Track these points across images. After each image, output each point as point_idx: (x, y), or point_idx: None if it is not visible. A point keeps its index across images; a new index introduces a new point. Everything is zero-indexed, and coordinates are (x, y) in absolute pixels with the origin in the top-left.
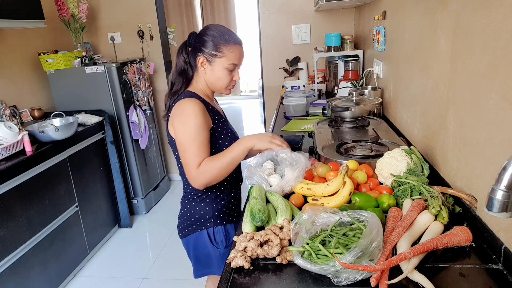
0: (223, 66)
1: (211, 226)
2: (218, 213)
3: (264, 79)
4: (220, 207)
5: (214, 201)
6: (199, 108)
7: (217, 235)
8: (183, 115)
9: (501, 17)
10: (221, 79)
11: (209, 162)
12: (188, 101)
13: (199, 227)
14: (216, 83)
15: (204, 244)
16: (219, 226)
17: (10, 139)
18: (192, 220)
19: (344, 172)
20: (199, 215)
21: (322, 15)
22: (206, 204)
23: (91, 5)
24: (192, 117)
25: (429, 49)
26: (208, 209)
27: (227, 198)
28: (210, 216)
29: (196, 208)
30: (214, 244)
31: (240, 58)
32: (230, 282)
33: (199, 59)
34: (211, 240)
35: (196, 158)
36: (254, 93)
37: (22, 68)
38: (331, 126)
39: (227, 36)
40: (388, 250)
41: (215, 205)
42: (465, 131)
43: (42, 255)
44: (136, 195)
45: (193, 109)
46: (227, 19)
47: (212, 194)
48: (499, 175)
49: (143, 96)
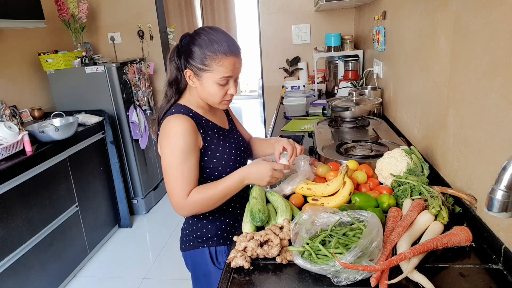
0: (213, 80)
1: (213, 245)
2: (222, 233)
3: (264, 79)
4: (224, 226)
5: (218, 220)
6: (186, 127)
7: (220, 255)
8: (169, 136)
9: (501, 17)
10: (212, 95)
11: (198, 194)
12: (174, 119)
13: (201, 244)
14: (208, 99)
15: (205, 262)
16: (222, 246)
17: (10, 139)
18: (194, 236)
19: (344, 172)
20: (202, 232)
21: (322, 15)
22: (210, 222)
23: (91, 5)
24: (178, 139)
25: (429, 49)
26: (211, 227)
27: (232, 217)
28: (213, 235)
29: (198, 224)
30: (216, 264)
31: (234, 70)
32: (230, 282)
33: (186, 72)
34: (213, 260)
35: (183, 188)
36: (254, 93)
37: (22, 68)
38: (331, 126)
39: (216, 46)
40: (388, 250)
41: (218, 223)
42: (465, 131)
43: (42, 255)
44: (136, 195)
45: (180, 130)
46: (227, 19)
47: (217, 213)
48: (499, 175)
49: (143, 96)
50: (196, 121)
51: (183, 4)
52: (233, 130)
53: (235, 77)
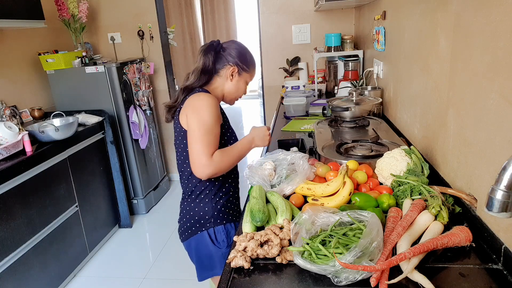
0: (246, 80)
1: (211, 226)
2: (218, 213)
3: (264, 79)
4: (219, 206)
5: (213, 201)
6: (216, 103)
7: (218, 235)
8: (201, 106)
9: (501, 17)
10: (238, 91)
11: (221, 154)
12: (204, 95)
13: (199, 229)
14: (234, 94)
15: (206, 245)
16: (219, 225)
17: (10, 139)
18: (191, 222)
19: (344, 172)
20: (199, 216)
21: (322, 15)
22: (205, 204)
23: (91, 5)
24: (210, 109)
25: (429, 49)
26: (207, 209)
27: (225, 197)
28: (210, 216)
29: (196, 209)
30: (216, 244)
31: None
32: (230, 282)
33: (232, 68)
34: (213, 241)
35: (210, 147)
36: (254, 93)
37: (22, 68)
38: (331, 126)
39: (253, 57)
40: (388, 250)
41: (214, 204)
42: (465, 131)
43: (42, 255)
44: (136, 195)
45: (211, 103)
46: (227, 19)
47: (211, 194)
48: (499, 175)
49: (143, 96)
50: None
51: (183, 4)
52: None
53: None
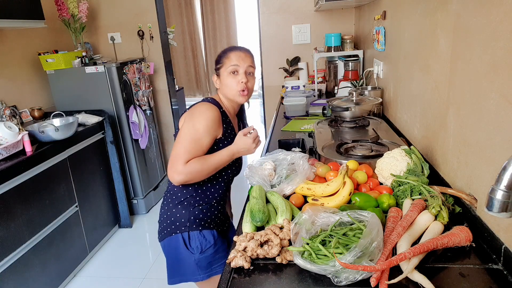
0: (226, 72)
1: (186, 230)
2: (195, 218)
3: (264, 79)
4: (197, 212)
5: (191, 205)
6: (215, 115)
7: (192, 240)
8: (198, 115)
9: (501, 17)
10: (228, 86)
11: (196, 162)
12: (208, 105)
13: (174, 231)
14: (228, 92)
15: (178, 248)
16: (194, 231)
17: (10, 139)
18: (167, 223)
19: (344, 172)
20: (175, 218)
21: (322, 15)
22: (183, 207)
23: (91, 5)
24: (204, 120)
25: (429, 49)
26: (184, 212)
27: (206, 205)
28: (185, 220)
29: (173, 210)
30: (189, 249)
31: (238, 59)
32: (230, 282)
33: (213, 77)
34: (186, 245)
35: (188, 155)
36: (254, 93)
37: (22, 68)
38: (331, 126)
39: (227, 48)
40: (388, 250)
41: (192, 209)
42: (465, 131)
43: (42, 255)
44: (136, 195)
45: (209, 114)
46: (227, 19)
47: (191, 199)
48: (499, 175)
49: (143, 96)
50: (222, 116)
51: (183, 4)
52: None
53: (243, 68)
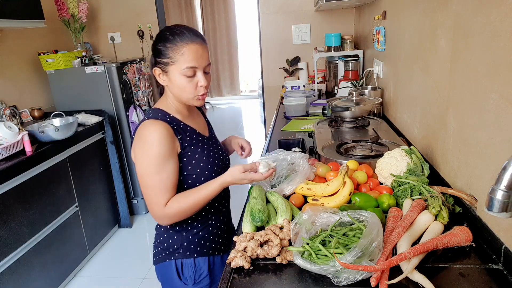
0: (179, 73)
1: (179, 257)
2: (188, 244)
3: (264, 79)
4: (190, 237)
5: (184, 230)
6: (162, 133)
7: (185, 269)
8: (144, 143)
9: (501, 17)
10: (182, 89)
11: (177, 203)
12: (149, 125)
13: (168, 257)
14: (182, 96)
15: (171, 277)
16: (188, 258)
17: (10, 139)
18: (161, 248)
19: (344, 172)
20: (168, 243)
21: (322, 15)
22: (175, 232)
23: (91, 5)
24: (154, 146)
25: (429, 49)
26: (176, 237)
27: (205, 230)
28: (178, 246)
29: (165, 235)
30: (182, 279)
31: (198, 59)
32: (230, 282)
33: (155, 71)
34: (179, 274)
35: (161, 197)
36: (254, 93)
37: (22, 68)
38: (331, 126)
39: (176, 36)
40: (388, 250)
41: (184, 234)
42: (465, 131)
43: (42, 255)
44: (136, 195)
45: (155, 136)
46: (227, 19)
47: (183, 223)
48: (499, 175)
49: (143, 96)
50: (173, 126)
51: (183, 4)
52: (213, 138)
53: (202, 68)
